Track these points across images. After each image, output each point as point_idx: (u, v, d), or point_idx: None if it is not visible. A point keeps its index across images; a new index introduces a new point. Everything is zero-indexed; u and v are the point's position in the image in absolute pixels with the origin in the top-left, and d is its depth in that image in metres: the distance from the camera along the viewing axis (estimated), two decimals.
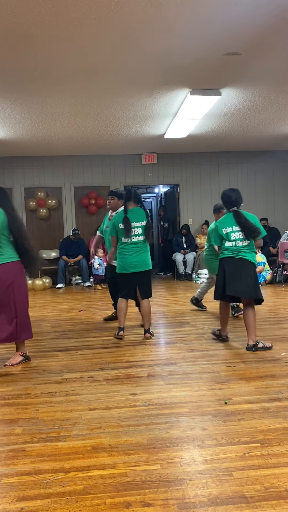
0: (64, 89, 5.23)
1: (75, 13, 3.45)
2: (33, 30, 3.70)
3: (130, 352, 3.97)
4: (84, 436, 2.40)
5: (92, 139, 8.00)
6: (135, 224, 4.41)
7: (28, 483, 1.98)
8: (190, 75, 4.90)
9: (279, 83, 5.32)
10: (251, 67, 4.74)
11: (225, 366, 3.49)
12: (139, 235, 4.43)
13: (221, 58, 4.46)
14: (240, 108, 6.33)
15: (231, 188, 4.20)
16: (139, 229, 4.43)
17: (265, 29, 3.85)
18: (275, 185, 10.04)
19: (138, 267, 4.42)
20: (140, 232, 4.43)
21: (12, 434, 2.46)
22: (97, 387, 3.13)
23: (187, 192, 9.80)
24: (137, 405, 2.79)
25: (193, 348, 4.04)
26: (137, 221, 4.43)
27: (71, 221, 9.62)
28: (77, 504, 1.82)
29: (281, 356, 3.71)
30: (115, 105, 5.95)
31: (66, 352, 4.07)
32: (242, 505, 1.76)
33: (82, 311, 6.08)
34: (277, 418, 2.53)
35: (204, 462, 2.09)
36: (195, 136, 8.03)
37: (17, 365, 3.73)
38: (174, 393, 2.97)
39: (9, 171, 9.37)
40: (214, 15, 3.57)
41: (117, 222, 4.48)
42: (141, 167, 9.70)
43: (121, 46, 4.11)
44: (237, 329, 4.70)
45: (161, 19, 3.61)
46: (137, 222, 4.43)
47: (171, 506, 1.78)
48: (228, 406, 2.72)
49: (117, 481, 1.96)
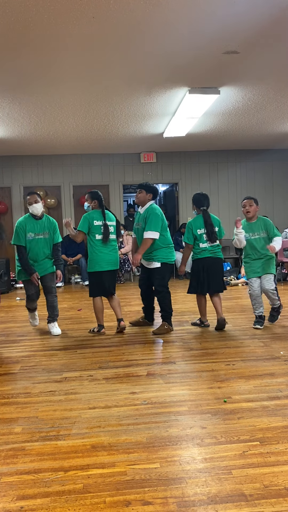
0: (63, 88, 5.22)
1: (74, 11, 3.45)
2: (32, 29, 3.69)
3: (130, 351, 3.98)
4: (83, 435, 2.40)
5: (91, 138, 8.00)
6: (111, 223, 4.69)
7: (28, 482, 1.98)
8: (189, 73, 4.90)
9: (278, 81, 5.32)
10: (250, 65, 4.74)
11: (224, 365, 3.49)
12: (113, 234, 4.70)
13: (219, 57, 4.46)
14: (239, 106, 6.32)
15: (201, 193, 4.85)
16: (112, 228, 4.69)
17: (263, 28, 3.85)
18: (274, 183, 10.04)
19: (117, 264, 4.73)
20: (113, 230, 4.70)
21: (11, 433, 2.46)
22: (96, 386, 3.13)
23: (186, 191, 9.80)
24: (136, 403, 2.80)
25: (192, 347, 4.04)
26: (111, 220, 4.70)
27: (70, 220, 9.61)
28: (76, 502, 1.82)
29: (280, 354, 3.71)
30: (114, 104, 5.95)
31: (66, 351, 4.07)
32: (242, 503, 1.77)
33: (82, 310, 6.08)
34: (276, 416, 2.54)
35: (204, 460, 2.10)
36: (194, 135, 8.02)
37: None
38: (174, 391, 2.98)
39: (8, 170, 9.36)
40: (213, 13, 3.56)
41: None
42: (140, 166, 9.69)
43: (120, 45, 4.10)
44: (234, 328, 4.71)
45: (159, 18, 3.61)
46: (111, 221, 4.70)
47: (171, 504, 1.78)
48: (227, 405, 2.72)
49: (116, 480, 1.96)
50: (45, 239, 4.73)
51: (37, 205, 4.69)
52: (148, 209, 4.62)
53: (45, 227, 4.74)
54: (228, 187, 9.94)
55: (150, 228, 4.49)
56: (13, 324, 5.40)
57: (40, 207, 4.71)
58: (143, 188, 4.68)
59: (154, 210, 4.57)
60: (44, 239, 4.73)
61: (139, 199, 4.70)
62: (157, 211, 4.57)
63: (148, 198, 4.67)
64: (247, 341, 4.15)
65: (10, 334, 4.85)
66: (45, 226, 4.74)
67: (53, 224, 4.81)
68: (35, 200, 4.70)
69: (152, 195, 4.69)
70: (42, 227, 4.72)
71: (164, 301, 4.63)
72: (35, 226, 4.69)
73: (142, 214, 4.64)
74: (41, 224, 4.72)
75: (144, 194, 4.66)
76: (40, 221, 4.73)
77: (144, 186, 4.69)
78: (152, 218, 4.52)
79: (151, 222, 4.51)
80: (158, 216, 4.55)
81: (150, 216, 4.53)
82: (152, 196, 4.68)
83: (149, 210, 4.60)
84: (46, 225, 4.75)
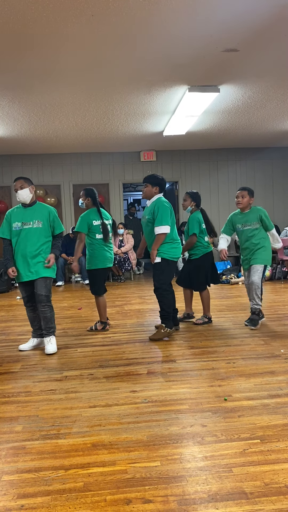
0: (63, 87, 5.22)
1: (73, 10, 3.44)
2: (31, 27, 3.69)
3: (130, 350, 3.98)
4: (84, 433, 2.40)
5: (91, 137, 7.99)
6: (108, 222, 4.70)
7: (29, 480, 1.98)
8: (189, 71, 4.89)
9: (278, 79, 5.31)
10: (250, 63, 4.73)
11: (224, 363, 3.49)
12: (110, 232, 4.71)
13: (219, 55, 4.45)
14: (239, 104, 6.32)
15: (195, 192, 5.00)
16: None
17: (263, 25, 3.84)
18: (274, 181, 10.04)
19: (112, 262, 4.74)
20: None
21: (12, 431, 2.46)
22: (97, 385, 3.13)
23: (186, 189, 9.78)
24: (137, 402, 2.80)
25: (193, 345, 4.04)
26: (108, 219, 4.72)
27: (70, 219, 9.61)
28: (77, 501, 1.82)
29: (281, 352, 3.71)
30: (114, 102, 5.94)
31: (66, 350, 4.07)
32: (242, 501, 1.77)
33: (82, 309, 6.08)
34: (277, 414, 2.54)
35: (204, 458, 2.10)
36: (194, 133, 8.02)
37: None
38: (174, 390, 2.98)
39: (8, 169, 9.35)
40: (212, 11, 3.56)
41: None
42: (140, 164, 9.68)
43: (119, 43, 4.09)
44: (234, 326, 4.71)
45: (159, 16, 3.60)
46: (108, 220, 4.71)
47: (171, 502, 1.78)
48: (228, 403, 2.72)
49: (117, 478, 1.96)
50: (36, 230, 3.98)
51: (22, 191, 3.99)
52: (156, 201, 4.30)
53: (36, 214, 4.01)
54: (228, 186, 9.94)
55: (161, 223, 4.19)
56: (14, 323, 5.41)
57: (26, 193, 4.00)
58: (148, 181, 4.36)
59: (163, 203, 4.26)
60: (35, 229, 3.98)
61: (145, 193, 4.39)
62: (165, 203, 4.27)
63: (154, 192, 4.33)
64: (247, 339, 4.15)
65: (11, 333, 4.85)
66: (36, 214, 4.01)
67: (48, 211, 4.06)
68: (21, 185, 4.00)
69: (158, 188, 4.34)
70: (32, 215, 4.00)
71: (161, 299, 4.32)
72: (23, 215, 4.01)
73: (149, 207, 4.33)
74: (31, 211, 4.02)
75: (150, 188, 4.34)
76: (30, 208, 4.03)
77: (150, 179, 4.36)
78: (161, 211, 4.20)
79: (161, 216, 4.19)
80: (166, 209, 4.24)
81: (159, 210, 4.21)
82: (158, 189, 4.34)
83: (157, 203, 4.28)
84: (38, 213, 4.02)
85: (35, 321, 4.18)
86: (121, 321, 5.22)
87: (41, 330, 4.16)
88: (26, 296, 4.10)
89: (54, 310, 4.13)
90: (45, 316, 4.01)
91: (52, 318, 4.06)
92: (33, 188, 4.08)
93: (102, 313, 4.75)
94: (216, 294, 6.88)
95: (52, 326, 4.05)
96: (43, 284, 3.95)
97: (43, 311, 3.99)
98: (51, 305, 4.04)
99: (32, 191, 4.07)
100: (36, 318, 4.16)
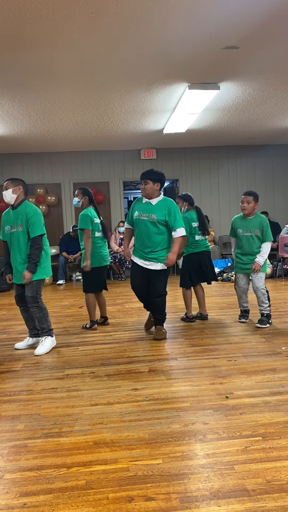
0: (62, 85, 5.21)
1: (72, 7, 3.43)
2: (30, 25, 3.68)
3: (131, 348, 3.98)
4: (86, 431, 2.41)
5: (91, 135, 7.98)
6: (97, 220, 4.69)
7: (31, 478, 1.98)
8: (188, 69, 4.88)
9: (278, 76, 5.30)
10: (250, 60, 4.72)
11: (226, 361, 3.49)
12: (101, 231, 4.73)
13: (219, 52, 4.44)
14: (239, 102, 6.30)
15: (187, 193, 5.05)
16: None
17: (263, 22, 3.83)
18: (275, 179, 10.02)
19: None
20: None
21: (14, 430, 2.47)
22: (98, 383, 3.13)
23: (187, 187, 9.78)
24: (138, 400, 2.80)
25: (194, 343, 4.04)
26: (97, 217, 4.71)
27: (71, 217, 9.61)
28: (79, 499, 1.82)
29: (282, 350, 3.71)
30: (114, 100, 5.93)
31: (67, 348, 4.07)
32: (244, 498, 1.77)
33: (83, 307, 6.08)
34: (278, 411, 2.54)
35: (206, 456, 2.10)
36: (194, 131, 8.01)
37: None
38: (175, 387, 2.98)
39: (8, 168, 9.35)
40: (212, 8, 3.55)
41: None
42: (140, 162, 9.67)
43: (119, 41, 4.09)
44: (236, 324, 4.71)
45: (158, 13, 3.59)
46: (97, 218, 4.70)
47: (173, 500, 1.78)
48: (229, 400, 2.72)
49: (119, 476, 1.97)
50: (19, 233, 3.86)
51: (5, 192, 3.87)
52: (168, 202, 4.12)
53: (19, 217, 3.86)
54: (229, 183, 9.93)
55: (181, 225, 4.06)
56: (15, 322, 5.41)
57: (8, 194, 3.85)
58: (149, 178, 4.08)
59: (175, 205, 4.14)
60: (18, 233, 3.86)
61: (147, 191, 4.10)
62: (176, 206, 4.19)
63: (156, 189, 4.11)
64: (248, 337, 4.15)
65: (12, 332, 4.86)
66: (19, 217, 3.86)
67: (25, 213, 3.84)
68: (6, 186, 3.89)
69: (159, 184, 4.12)
70: (16, 217, 3.87)
71: (164, 305, 4.26)
72: (11, 217, 3.91)
73: (157, 207, 4.10)
74: (15, 214, 3.88)
75: (152, 185, 4.08)
76: (15, 211, 3.90)
77: (150, 175, 4.09)
78: (177, 214, 4.07)
79: (179, 218, 4.06)
80: (179, 211, 4.18)
81: (175, 212, 4.07)
82: (159, 185, 4.13)
83: (169, 204, 4.09)
84: (20, 215, 3.86)
85: (29, 321, 4.16)
86: (122, 319, 5.22)
87: (36, 330, 4.16)
88: (17, 295, 4.10)
89: (47, 310, 4.11)
90: (35, 316, 3.99)
91: (43, 318, 3.99)
92: (19, 189, 3.93)
93: (91, 312, 4.74)
94: (217, 291, 6.88)
95: (44, 327, 4.00)
96: (30, 285, 3.91)
97: (32, 311, 3.99)
98: (40, 305, 3.96)
99: (18, 192, 3.92)
100: (29, 318, 4.15)
